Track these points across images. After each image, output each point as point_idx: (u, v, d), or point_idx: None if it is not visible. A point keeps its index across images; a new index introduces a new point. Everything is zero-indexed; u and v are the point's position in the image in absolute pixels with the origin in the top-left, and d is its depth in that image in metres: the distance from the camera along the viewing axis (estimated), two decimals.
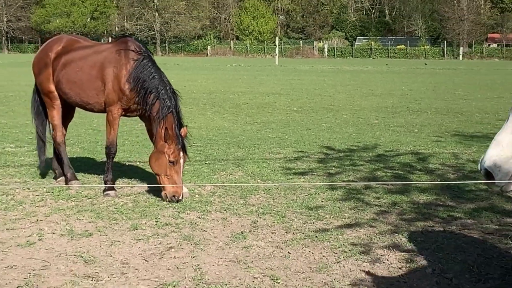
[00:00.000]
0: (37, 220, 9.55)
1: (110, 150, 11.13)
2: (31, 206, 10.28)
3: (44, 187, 11.44)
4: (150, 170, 12.82)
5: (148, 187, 11.57)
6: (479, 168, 4.85)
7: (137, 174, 12.62)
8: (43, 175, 12.49)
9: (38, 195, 10.96)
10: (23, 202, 10.51)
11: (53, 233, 8.97)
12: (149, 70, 10.71)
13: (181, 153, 10.46)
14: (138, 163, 13.72)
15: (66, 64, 11.37)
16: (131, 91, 10.72)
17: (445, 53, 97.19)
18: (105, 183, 11.13)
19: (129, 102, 10.86)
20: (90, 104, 11.30)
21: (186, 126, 10.84)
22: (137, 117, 11.58)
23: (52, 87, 11.53)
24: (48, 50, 11.78)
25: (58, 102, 11.63)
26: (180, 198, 10.44)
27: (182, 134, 10.54)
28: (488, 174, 4.72)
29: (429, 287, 7.28)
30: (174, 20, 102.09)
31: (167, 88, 10.71)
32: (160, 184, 10.50)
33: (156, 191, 11.28)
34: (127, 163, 13.50)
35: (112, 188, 11.06)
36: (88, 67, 11.16)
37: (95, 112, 11.67)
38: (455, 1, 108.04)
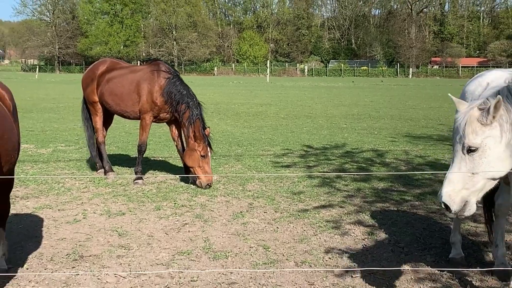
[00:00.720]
0: (82, 202, 9.59)
1: (141, 148, 11.22)
2: (77, 192, 10.30)
3: (87, 177, 11.45)
4: (170, 164, 12.85)
5: (168, 177, 11.58)
6: (439, 201, 4.85)
7: (159, 167, 12.61)
8: (88, 167, 12.48)
9: (83, 183, 10.96)
10: (71, 188, 10.52)
11: (94, 212, 9.01)
12: (178, 86, 10.88)
13: (208, 149, 10.61)
14: (160, 158, 13.73)
15: (109, 80, 11.50)
16: (164, 103, 10.90)
17: (398, 72, 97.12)
18: (135, 174, 11.17)
19: (160, 111, 11.05)
20: (127, 112, 11.39)
21: (209, 127, 10.94)
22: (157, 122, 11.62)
23: (96, 98, 11.66)
24: (95, 69, 11.94)
25: (100, 110, 11.75)
26: (212, 184, 10.60)
27: (207, 133, 10.67)
28: (446, 205, 4.74)
29: (386, 254, 7.32)
30: (188, 47, 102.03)
31: (194, 99, 10.87)
32: (195, 174, 10.61)
33: (174, 180, 11.30)
34: (151, 158, 13.50)
35: (141, 178, 11.07)
36: (127, 83, 11.27)
37: (130, 119, 11.76)
38: (405, 32, 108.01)
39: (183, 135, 11.00)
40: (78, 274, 6.50)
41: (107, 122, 12.23)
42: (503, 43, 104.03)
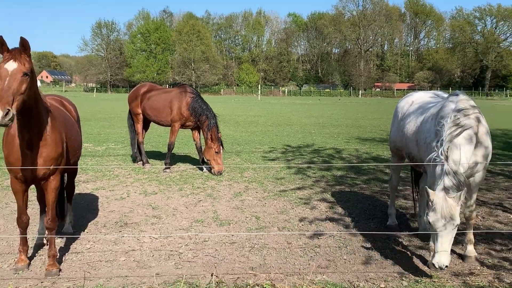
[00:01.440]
0: (126, 185, 9.57)
1: (170, 147, 11.21)
2: (122, 178, 10.28)
3: (130, 167, 11.43)
4: (190, 157, 12.83)
5: (188, 167, 11.58)
6: (440, 268, 4.85)
7: (182, 160, 12.59)
8: (131, 160, 12.46)
9: (127, 171, 10.95)
10: (118, 175, 10.51)
11: (135, 192, 9.00)
12: (200, 103, 10.97)
13: (220, 147, 10.77)
14: (182, 154, 13.69)
15: (149, 98, 11.57)
16: (189, 115, 10.99)
17: (351, 93, 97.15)
18: (165, 165, 11.14)
19: (186, 121, 11.13)
20: (162, 121, 11.43)
21: (220, 132, 11.04)
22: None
23: (139, 110, 11.71)
24: (138, 90, 11.99)
25: (141, 119, 11.81)
26: (222, 172, 10.71)
27: (219, 136, 10.85)
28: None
29: (342, 222, 7.34)
30: (202, 75, 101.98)
31: (211, 112, 10.94)
32: (211, 165, 10.75)
33: (192, 169, 11.29)
34: (176, 154, 13.46)
35: (168, 168, 11.05)
36: (163, 101, 11.32)
37: (164, 126, 11.77)
38: (356, 65, 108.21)
39: (203, 137, 11.00)
40: (123, 236, 6.51)
41: (146, 128, 12.23)
42: (425, 73, 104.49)
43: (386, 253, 6.04)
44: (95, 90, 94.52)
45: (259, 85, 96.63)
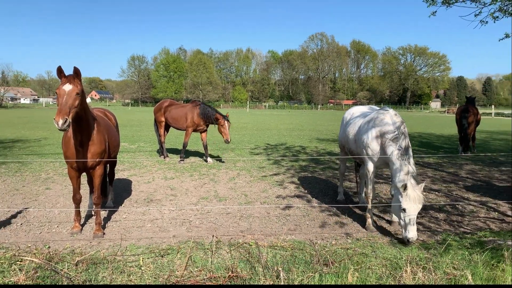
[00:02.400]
0: (152, 173, 9.44)
1: (184, 145, 11.02)
2: (149, 167, 10.15)
3: (155, 160, 11.30)
4: (198, 153, 12.73)
5: (197, 159, 11.49)
6: (411, 240, 4.80)
7: (192, 154, 12.48)
8: (156, 154, 12.34)
9: (153, 163, 10.82)
10: (146, 165, 10.37)
11: (158, 178, 8.88)
12: (208, 108, 10.84)
13: (227, 123, 10.62)
14: (193, 150, 13.56)
15: (170, 110, 11.38)
16: (200, 121, 10.83)
17: (312, 107, 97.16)
18: (180, 157, 11.02)
19: (197, 127, 10.92)
20: (179, 127, 11.20)
21: (228, 113, 11.16)
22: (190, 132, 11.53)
23: (163, 119, 11.49)
24: (161, 104, 11.75)
25: (163, 125, 11.58)
26: (229, 140, 10.62)
27: (227, 116, 10.83)
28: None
29: (306, 198, 7.32)
30: (207, 94, 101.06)
31: (218, 111, 10.85)
32: (223, 135, 10.58)
33: (199, 161, 11.19)
34: (188, 150, 13.34)
35: (183, 160, 10.94)
36: (180, 112, 11.14)
37: (181, 130, 11.46)
38: (316, 87, 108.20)
39: (218, 130, 10.80)
40: (150, 209, 6.44)
41: (167, 131, 12.06)
42: (365, 93, 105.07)
43: (336, 219, 6.06)
44: (130, 105, 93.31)
45: (248, 101, 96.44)
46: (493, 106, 67.31)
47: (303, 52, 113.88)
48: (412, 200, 4.74)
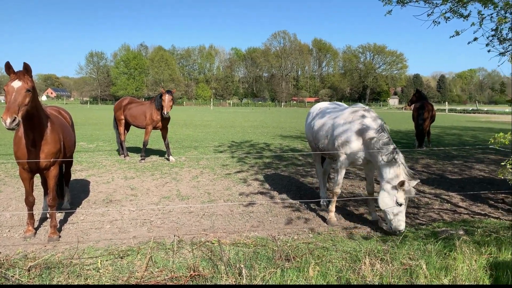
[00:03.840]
0: (111, 172, 9.16)
1: (145, 143, 10.75)
2: (109, 167, 9.84)
3: (115, 159, 10.98)
4: (160, 151, 12.50)
5: (158, 158, 11.28)
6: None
7: (153, 153, 12.22)
8: (115, 154, 11.98)
9: (112, 162, 10.50)
10: (106, 165, 10.06)
11: (118, 177, 8.63)
12: (159, 98, 10.48)
13: (167, 95, 10.12)
14: (154, 148, 13.29)
15: (130, 108, 11.07)
16: (158, 117, 10.53)
17: (276, 105, 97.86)
18: (141, 156, 10.77)
19: (156, 124, 10.64)
20: (139, 124, 10.91)
21: (174, 89, 10.96)
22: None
23: (122, 117, 11.19)
24: (121, 102, 11.42)
25: (123, 123, 11.26)
26: (166, 113, 10.14)
27: (173, 92, 10.47)
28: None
29: (269, 194, 7.36)
30: None
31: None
32: (164, 105, 10.10)
33: (161, 160, 10.99)
34: (150, 149, 13.06)
35: (144, 159, 10.70)
36: (139, 110, 10.85)
37: (140, 128, 11.16)
38: (279, 85, 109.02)
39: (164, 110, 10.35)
40: (109, 210, 6.25)
41: (127, 130, 11.75)
42: (326, 90, 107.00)
43: (298, 215, 6.14)
44: (88, 103, 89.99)
45: (212, 98, 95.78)
46: (446, 103, 70.65)
47: (266, 49, 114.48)
48: (408, 195, 4.95)
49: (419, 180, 4.99)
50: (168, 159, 10.80)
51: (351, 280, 3.64)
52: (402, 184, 4.86)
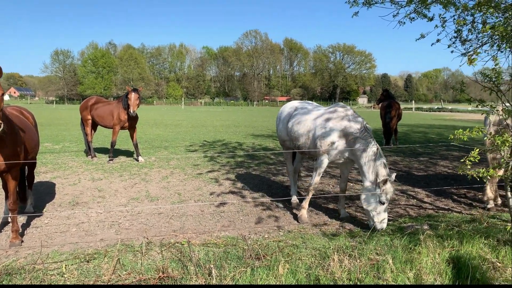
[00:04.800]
0: (78, 174, 8.89)
1: (113, 144, 10.49)
2: (75, 168, 9.56)
3: (82, 160, 10.67)
4: (128, 151, 12.25)
5: (127, 159, 11.05)
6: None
7: (122, 153, 11.96)
8: (82, 155, 11.63)
9: (79, 163, 10.20)
10: (72, 166, 9.76)
11: (85, 179, 8.38)
12: (123, 99, 10.36)
13: (133, 94, 10.00)
14: (122, 149, 13.00)
15: (97, 108, 10.77)
16: (126, 116, 10.32)
17: (249, 104, 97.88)
18: (109, 157, 10.52)
19: (124, 124, 10.41)
20: (106, 125, 10.63)
21: (141, 87, 10.96)
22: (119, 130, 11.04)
23: (89, 117, 10.88)
24: (87, 102, 11.10)
25: (90, 124, 10.96)
26: (133, 112, 9.97)
27: (139, 89, 10.41)
28: None
29: (240, 194, 7.34)
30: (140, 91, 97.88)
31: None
32: (131, 103, 9.96)
33: (130, 160, 10.77)
34: (118, 149, 12.77)
35: (112, 160, 10.45)
36: (106, 110, 10.59)
37: (108, 128, 10.91)
38: (251, 84, 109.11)
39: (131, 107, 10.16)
40: (75, 212, 6.07)
41: (94, 130, 11.43)
42: (298, 89, 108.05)
43: (269, 213, 6.17)
44: (54, 103, 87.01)
45: (183, 97, 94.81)
46: (413, 102, 72.83)
47: (238, 48, 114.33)
48: (390, 194, 4.99)
49: (394, 176, 5.11)
50: (137, 160, 10.61)
51: (320, 276, 3.69)
52: (385, 182, 4.94)
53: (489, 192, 6.28)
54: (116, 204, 6.58)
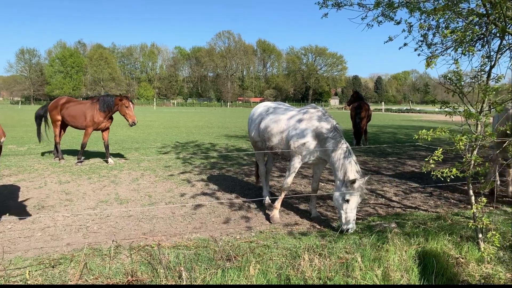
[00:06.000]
0: (44, 177, 8.59)
1: (83, 146, 10.21)
2: (41, 171, 9.23)
3: (48, 162, 10.32)
4: (97, 153, 11.95)
5: (96, 161, 10.77)
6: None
7: (91, 155, 11.63)
8: (48, 157, 11.25)
9: (45, 166, 9.86)
10: (38, 169, 9.42)
11: (51, 182, 8.11)
12: (107, 97, 10.22)
13: (130, 103, 10.05)
14: (91, 150, 12.65)
15: (68, 108, 10.39)
16: (101, 120, 10.15)
17: (222, 105, 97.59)
18: (78, 159, 10.21)
19: (98, 125, 10.20)
20: (78, 125, 10.29)
21: (129, 94, 10.70)
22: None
23: (59, 117, 10.47)
24: (57, 101, 10.66)
25: (59, 125, 10.57)
26: (136, 122, 10.09)
27: (129, 96, 10.41)
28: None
29: (214, 195, 7.30)
30: (110, 91, 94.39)
31: (114, 95, 10.34)
32: (127, 117, 9.96)
33: (99, 162, 10.51)
34: (87, 151, 12.42)
35: (81, 161, 10.16)
36: (78, 109, 10.26)
37: (79, 129, 10.57)
38: (225, 85, 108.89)
39: (124, 115, 10.09)
40: (40, 216, 5.86)
41: (63, 131, 11.02)
42: (271, 90, 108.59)
43: (242, 214, 6.16)
44: (20, 103, 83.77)
45: (155, 98, 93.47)
46: (383, 103, 74.62)
47: (211, 49, 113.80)
48: (357, 193, 4.98)
49: (367, 178, 5.14)
50: (106, 162, 10.37)
51: (290, 276, 3.71)
52: (353, 182, 4.97)
53: None
54: (84, 207, 6.40)
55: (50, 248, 4.66)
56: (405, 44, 7.62)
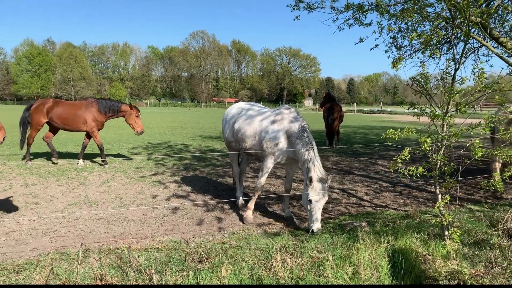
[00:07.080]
0: (9, 179, 8.28)
1: (101, 147, 10.20)
2: (6, 173, 8.89)
3: (14, 164, 9.94)
4: (67, 154, 11.61)
5: (65, 162, 10.46)
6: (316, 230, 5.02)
7: (60, 156, 11.31)
8: (14, 159, 10.84)
9: (11, 167, 9.51)
10: (3, 171, 9.07)
11: (17, 184, 7.83)
12: (107, 101, 10.18)
13: (139, 112, 10.21)
14: (60, 151, 12.29)
15: (58, 111, 9.94)
16: (103, 118, 10.10)
17: (197, 105, 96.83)
18: (103, 161, 10.14)
19: (101, 125, 10.13)
20: (74, 128, 9.97)
21: (133, 105, 10.39)
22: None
23: (44, 120, 9.96)
24: (43, 105, 9.99)
25: (40, 128, 10.16)
26: (143, 131, 10.24)
27: (138, 107, 10.39)
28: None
29: (186, 196, 7.23)
30: (80, 90, 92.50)
31: (119, 102, 10.32)
32: (134, 128, 10.18)
33: (68, 164, 10.21)
34: (58, 152, 12.05)
35: (106, 163, 9.97)
36: (72, 111, 9.94)
37: (71, 131, 10.24)
38: (199, 85, 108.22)
39: (128, 122, 10.23)
40: (4, 220, 5.64)
41: (54, 133, 10.60)
42: (246, 91, 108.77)
43: (214, 215, 6.13)
44: None
45: (127, 98, 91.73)
46: (355, 104, 76.01)
47: (184, 49, 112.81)
48: (318, 192, 4.98)
49: (329, 180, 5.17)
50: (77, 163, 10.08)
51: (263, 276, 3.72)
52: (310, 180, 5.02)
53: None
54: (51, 210, 6.20)
55: (14, 253, 4.48)
56: (376, 46, 7.79)
